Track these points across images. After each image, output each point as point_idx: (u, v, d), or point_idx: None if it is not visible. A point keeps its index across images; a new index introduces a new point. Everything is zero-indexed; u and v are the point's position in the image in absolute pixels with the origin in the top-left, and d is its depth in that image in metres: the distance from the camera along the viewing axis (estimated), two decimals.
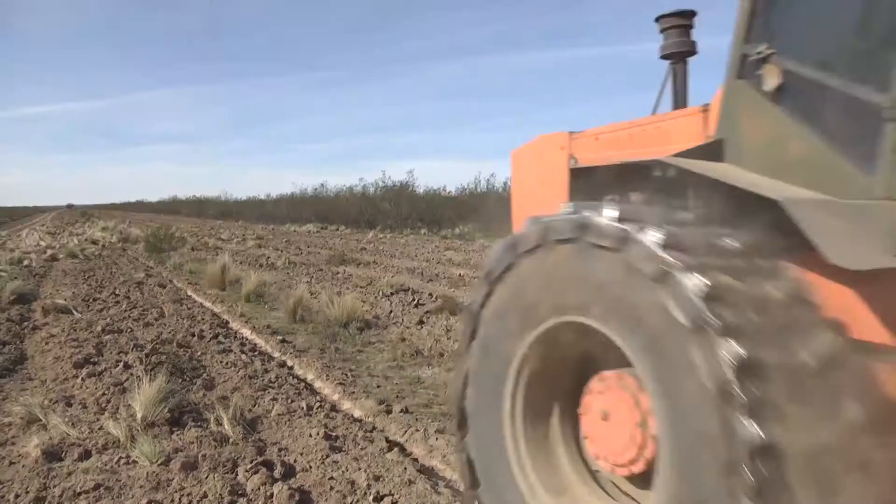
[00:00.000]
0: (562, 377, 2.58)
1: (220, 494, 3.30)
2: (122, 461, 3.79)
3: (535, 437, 2.58)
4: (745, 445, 1.69)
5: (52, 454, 3.88)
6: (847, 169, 2.15)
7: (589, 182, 3.27)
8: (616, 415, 2.29)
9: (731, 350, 1.74)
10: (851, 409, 1.83)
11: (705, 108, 2.92)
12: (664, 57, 3.41)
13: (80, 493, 3.37)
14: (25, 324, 8.10)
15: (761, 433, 1.68)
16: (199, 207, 69.48)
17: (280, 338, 7.41)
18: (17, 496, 3.39)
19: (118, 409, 4.56)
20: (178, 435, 4.17)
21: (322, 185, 45.21)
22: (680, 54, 3.18)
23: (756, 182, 2.37)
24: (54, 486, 3.46)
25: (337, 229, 34.18)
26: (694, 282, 1.85)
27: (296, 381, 5.69)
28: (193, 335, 7.37)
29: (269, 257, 17.43)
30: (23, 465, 3.77)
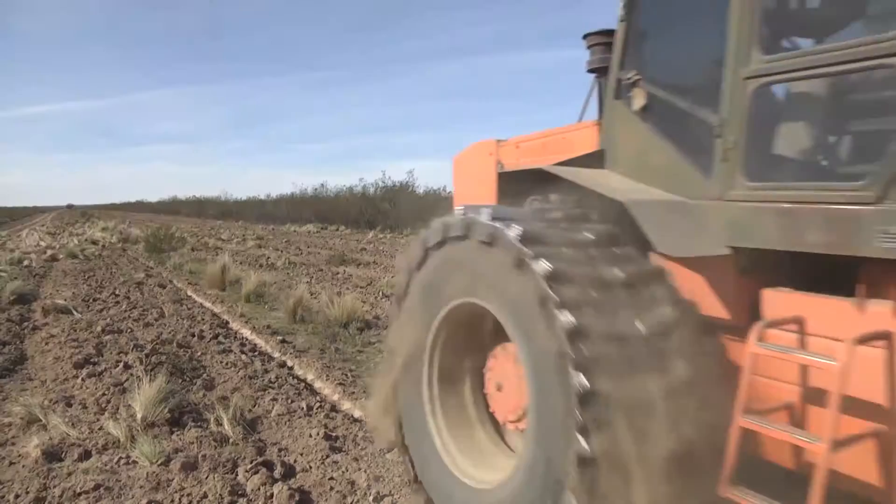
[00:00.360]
0: (471, 348, 3.14)
1: (220, 495, 3.30)
2: (122, 461, 3.79)
3: (449, 399, 3.17)
4: (575, 393, 2.23)
5: (52, 454, 3.88)
6: (693, 175, 2.65)
7: (513, 184, 3.59)
8: (506, 380, 2.91)
9: (565, 319, 2.28)
10: (676, 370, 2.32)
11: (598, 122, 3.36)
12: (590, 71, 3.68)
13: (80, 494, 3.37)
14: (25, 324, 8.10)
15: (587, 384, 2.21)
16: (199, 207, 69.50)
17: (280, 338, 7.41)
18: (17, 496, 3.40)
19: (118, 409, 4.56)
20: (178, 435, 4.17)
21: (322, 185, 45.18)
22: (604, 69, 3.39)
23: (615, 186, 2.91)
24: (54, 487, 3.47)
25: (337, 229, 34.17)
26: (541, 266, 2.39)
27: (296, 381, 5.69)
28: (193, 335, 7.37)
29: (269, 257, 17.43)
30: (23, 466, 3.77)
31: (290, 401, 4.95)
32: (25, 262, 15.61)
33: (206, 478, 3.49)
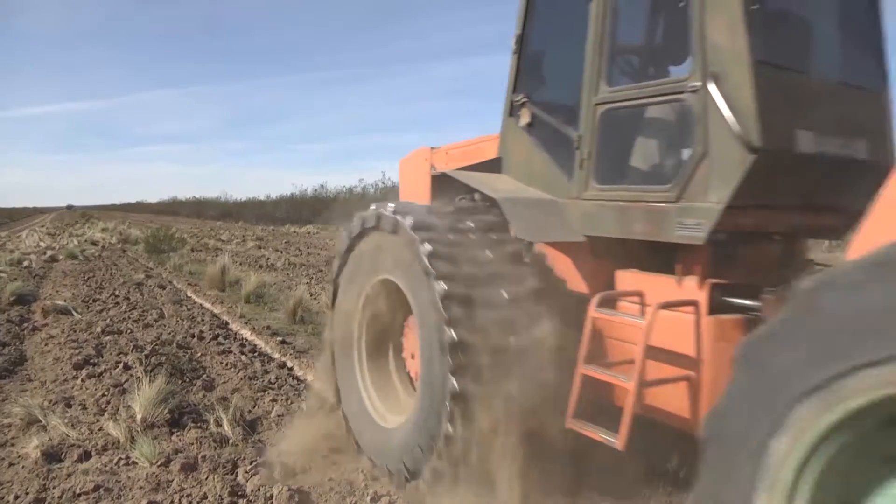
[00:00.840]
0: (394, 319, 3.79)
1: (220, 495, 3.30)
2: (122, 462, 3.79)
3: (375, 363, 3.86)
4: (448, 342, 2.94)
5: (52, 455, 3.88)
6: (560, 179, 3.36)
7: (444, 186, 4.10)
8: (416, 347, 3.46)
9: (440, 287, 3.03)
10: (533, 329, 3.00)
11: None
12: None
13: (79, 495, 3.37)
14: (25, 325, 8.10)
15: (454, 337, 2.94)
16: (199, 208, 69.46)
17: (280, 339, 7.41)
18: (16, 497, 3.40)
19: (118, 410, 4.56)
20: (177, 436, 4.17)
21: (322, 185, 45.20)
22: None
23: (498, 187, 3.55)
24: (54, 488, 3.47)
25: (336, 229, 34.17)
26: (426, 248, 3.13)
27: (296, 382, 5.69)
28: (193, 336, 7.37)
29: (268, 258, 17.43)
30: (22, 466, 3.77)
31: (289, 402, 4.95)
32: (25, 263, 15.61)
33: (206, 478, 3.49)
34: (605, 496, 3.21)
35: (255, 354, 6.65)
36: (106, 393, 4.99)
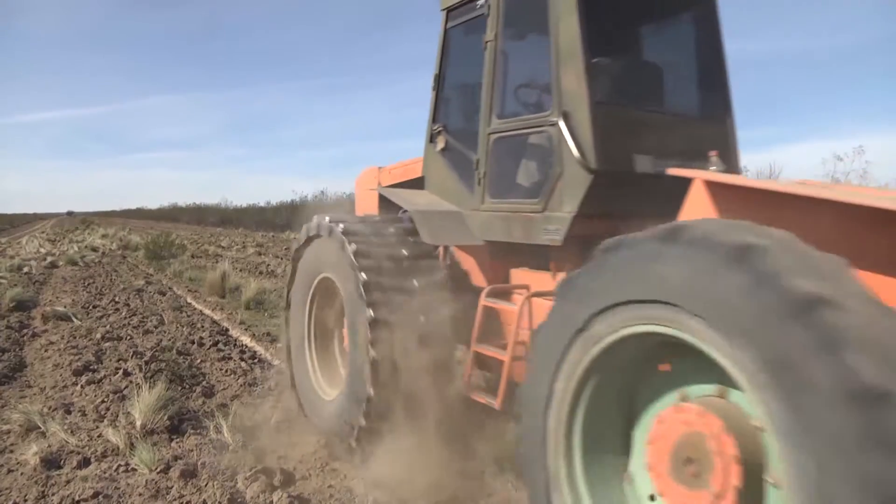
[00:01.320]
0: (336, 310, 4.53)
1: (220, 502, 3.30)
2: (122, 469, 3.78)
3: (321, 343, 4.68)
4: (366, 319, 3.68)
5: (51, 462, 3.87)
6: (465, 194, 4.06)
7: (388, 201, 4.71)
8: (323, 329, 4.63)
9: (362, 277, 3.76)
10: (438, 312, 3.73)
11: None
12: None
13: (78, 501, 3.37)
14: (25, 331, 8.09)
15: (372, 315, 3.67)
16: (199, 214, 69.46)
17: (280, 345, 7.40)
18: (15, 503, 3.39)
19: (117, 416, 4.56)
20: (177, 442, 4.16)
21: (322, 192, 45.19)
22: None
23: (416, 201, 4.27)
24: (53, 494, 3.46)
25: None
26: (352, 247, 3.89)
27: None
28: (193, 342, 7.37)
29: (269, 264, 17.43)
30: (21, 473, 3.77)
31: (289, 408, 4.94)
32: (25, 269, 15.62)
33: (206, 485, 3.48)
34: (491, 446, 3.90)
35: (255, 361, 6.64)
36: (105, 399, 4.98)
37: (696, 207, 2.81)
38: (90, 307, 9.98)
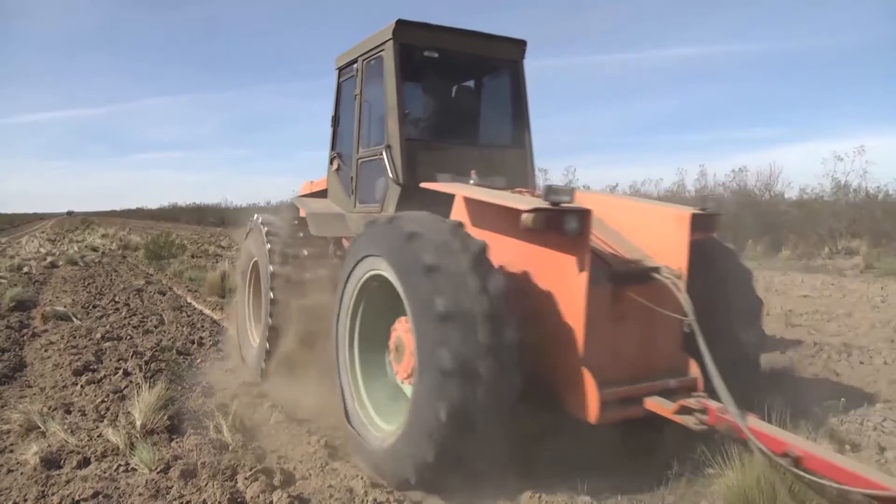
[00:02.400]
0: (262, 285, 5.80)
1: (220, 502, 3.29)
2: (121, 469, 3.78)
3: (255, 307, 6.26)
4: (269, 301, 5.39)
5: (51, 461, 3.87)
6: (347, 201, 5.56)
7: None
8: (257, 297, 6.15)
9: (272, 267, 5.43)
10: (327, 291, 4.89)
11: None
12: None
13: (78, 501, 3.36)
14: (25, 331, 8.09)
15: (273, 296, 5.38)
16: (199, 214, 69.36)
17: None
18: (15, 503, 3.39)
19: (117, 416, 4.55)
20: (177, 442, 4.16)
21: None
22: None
23: (314, 207, 5.79)
24: (53, 494, 3.46)
25: None
26: (271, 244, 5.56)
27: None
28: (193, 342, 7.37)
29: None
30: (21, 473, 3.76)
31: (289, 408, 4.93)
32: (25, 269, 15.61)
33: (206, 485, 3.48)
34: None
35: None
36: (105, 399, 4.98)
37: (457, 209, 4.30)
38: (90, 307, 9.97)
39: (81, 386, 5.43)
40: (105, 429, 4.28)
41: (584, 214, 3.42)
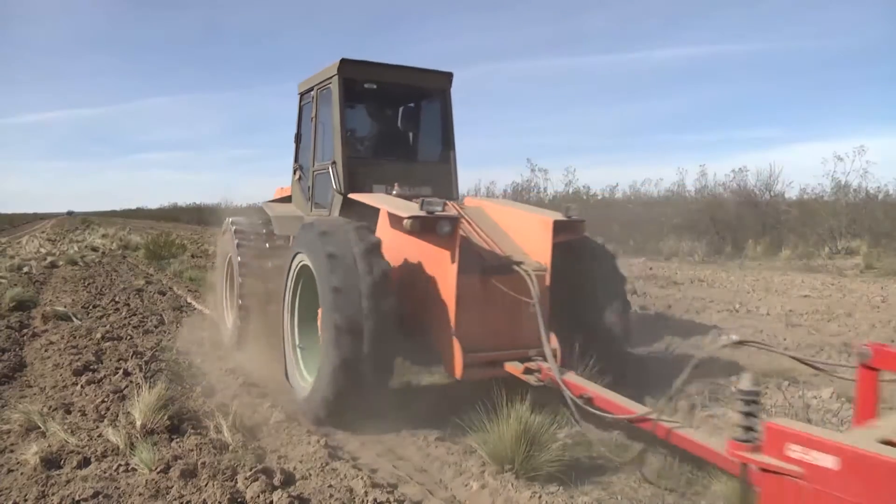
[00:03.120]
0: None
1: (220, 502, 3.29)
2: (122, 469, 3.77)
3: (228, 297, 7.35)
4: (238, 284, 6.63)
5: (51, 461, 3.87)
6: (306, 205, 6.75)
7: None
8: (231, 288, 7.26)
9: (238, 258, 6.69)
10: (278, 279, 5.77)
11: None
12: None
13: (78, 501, 3.36)
14: (25, 331, 8.09)
15: (241, 280, 6.59)
16: (200, 214, 69.35)
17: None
18: (15, 503, 3.38)
19: (117, 416, 4.55)
20: (177, 442, 4.16)
21: None
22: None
23: (278, 210, 6.85)
24: (53, 494, 3.45)
25: None
26: (237, 241, 6.81)
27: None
28: (193, 342, 7.36)
29: None
30: (21, 473, 3.76)
31: (289, 408, 4.93)
32: (25, 269, 15.61)
33: (206, 485, 3.48)
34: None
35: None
36: (105, 399, 4.98)
37: (382, 214, 5.17)
38: (90, 307, 9.97)
39: (81, 386, 5.43)
40: (105, 429, 4.27)
41: (454, 220, 4.51)
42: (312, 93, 6.62)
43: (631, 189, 27.36)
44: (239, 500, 3.36)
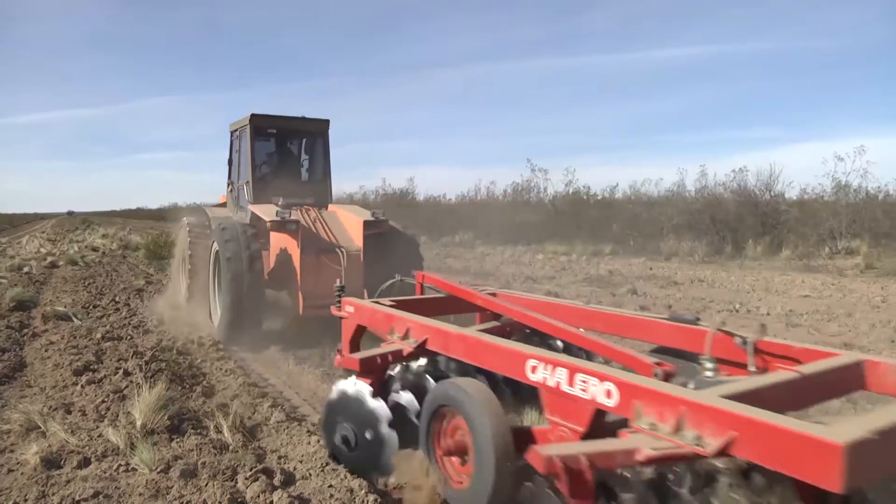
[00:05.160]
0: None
1: (220, 502, 3.29)
2: (122, 469, 3.77)
3: (182, 267, 9.72)
4: (187, 266, 9.07)
5: (51, 461, 3.87)
6: (234, 209, 9.58)
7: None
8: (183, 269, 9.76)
9: (188, 243, 9.15)
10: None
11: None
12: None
13: (78, 501, 3.36)
14: (25, 331, 8.09)
15: (190, 254, 8.98)
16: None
17: (280, 345, 7.40)
18: (15, 503, 3.38)
19: (118, 416, 4.55)
20: (177, 442, 4.16)
21: None
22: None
23: (217, 214, 9.63)
24: (53, 494, 3.45)
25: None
26: (189, 234, 9.19)
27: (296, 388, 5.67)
28: (193, 342, 7.36)
29: None
30: (21, 473, 3.76)
31: (289, 408, 4.93)
32: (25, 269, 15.60)
33: (206, 485, 3.48)
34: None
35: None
36: (106, 399, 4.98)
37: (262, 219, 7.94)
38: (90, 307, 9.98)
39: (82, 386, 5.43)
40: (105, 429, 4.28)
41: (295, 222, 7.58)
42: (236, 132, 9.51)
43: (631, 189, 27.37)
44: (239, 500, 3.36)
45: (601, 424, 2.50)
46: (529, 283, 13.38)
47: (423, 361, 3.73)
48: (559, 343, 3.96)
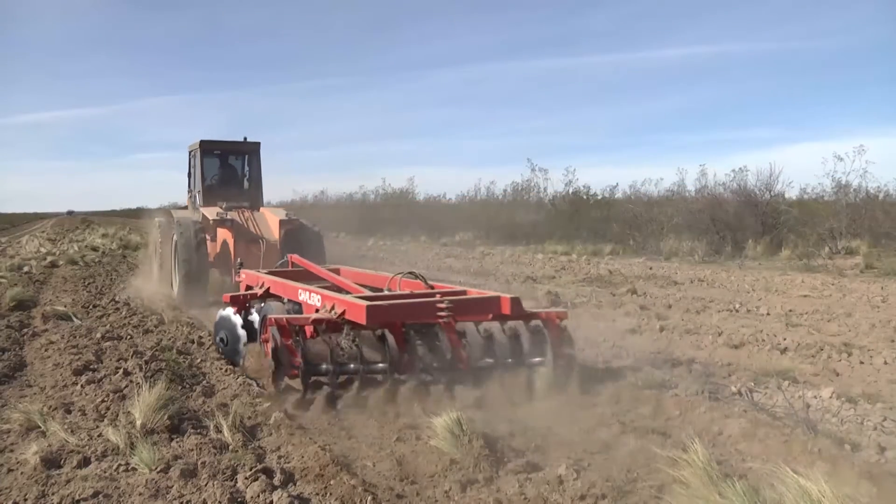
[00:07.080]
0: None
1: (220, 502, 3.29)
2: (122, 468, 3.77)
3: (154, 256, 13.54)
4: (158, 261, 12.78)
5: (51, 461, 3.86)
6: (193, 211, 12.69)
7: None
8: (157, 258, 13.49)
9: (158, 238, 12.84)
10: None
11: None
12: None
13: (78, 501, 3.36)
14: (25, 330, 8.09)
15: (160, 246, 12.60)
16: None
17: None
18: (15, 503, 3.38)
19: (117, 416, 4.55)
20: (177, 442, 4.16)
21: (322, 192, 45.15)
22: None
23: (180, 215, 12.21)
24: (53, 494, 3.46)
25: (337, 236, 34.15)
26: (158, 232, 12.86)
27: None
28: (193, 342, 7.36)
29: None
30: (21, 473, 3.76)
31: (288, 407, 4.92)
32: (25, 269, 15.61)
33: (206, 485, 3.48)
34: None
35: None
36: (105, 399, 4.98)
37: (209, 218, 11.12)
38: (90, 307, 9.98)
39: (81, 385, 5.43)
40: (105, 428, 4.28)
41: (230, 220, 10.68)
42: (192, 152, 12.47)
43: (631, 189, 27.36)
44: (239, 499, 3.36)
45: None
46: (529, 282, 13.39)
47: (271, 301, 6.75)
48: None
